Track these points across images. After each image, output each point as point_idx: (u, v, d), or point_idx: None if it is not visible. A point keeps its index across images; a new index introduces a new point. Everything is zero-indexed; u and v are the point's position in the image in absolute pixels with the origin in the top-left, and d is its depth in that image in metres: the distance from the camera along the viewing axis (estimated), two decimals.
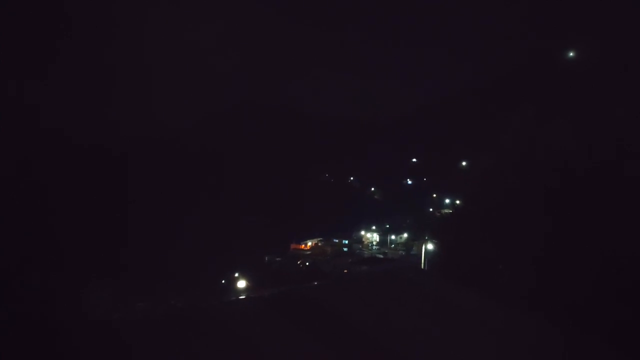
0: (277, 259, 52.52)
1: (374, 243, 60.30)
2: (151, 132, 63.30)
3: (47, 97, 58.85)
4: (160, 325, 14.59)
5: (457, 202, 56.37)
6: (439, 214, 57.90)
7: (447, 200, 59.58)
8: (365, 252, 57.39)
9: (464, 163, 65.61)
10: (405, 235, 58.13)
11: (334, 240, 58.81)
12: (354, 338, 14.17)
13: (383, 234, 60.26)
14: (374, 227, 60.97)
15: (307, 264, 51.39)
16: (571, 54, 45.01)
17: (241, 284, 37.79)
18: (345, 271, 46.31)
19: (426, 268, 36.68)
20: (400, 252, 55.04)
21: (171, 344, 12.96)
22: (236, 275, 40.98)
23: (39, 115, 55.79)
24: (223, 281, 41.85)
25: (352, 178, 75.79)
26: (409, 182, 71.86)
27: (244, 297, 26.33)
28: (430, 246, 39.13)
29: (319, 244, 58.08)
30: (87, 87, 64.61)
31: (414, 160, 74.39)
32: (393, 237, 59.34)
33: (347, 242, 59.05)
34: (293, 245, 57.06)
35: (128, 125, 61.71)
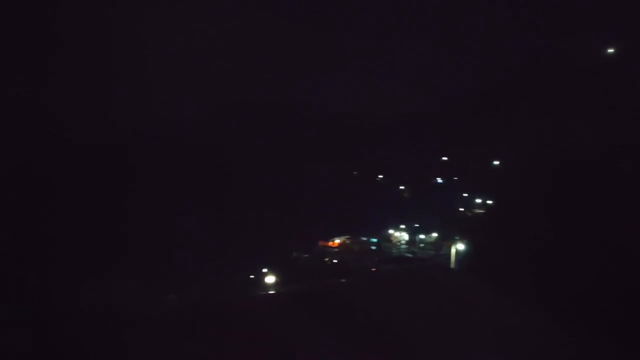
0: (305, 255, 52.78)
1: (403, 242, 59.75)
2: (171, 131, 63.98)
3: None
4: (189, 318, 14.84)
5: (489, 202, 55.32)
6: (470, 214, 56.88)
7: (479, 200, 58.42)
8: (394, 250, 56.95)
9: (496, 162, 64.25)
10: (435, 234, 57.35)
11: (362, 238, 58.58)
12: (380, 336, 14.08)
13: (412, 233, 59.64)
14: (402, 226, 60.40)
15: (335, 261, 51.42)
16: (611, 49, 43.47)
17: (270, 279, 38.15)
18: (373, 269, 46.11)
19: (456, 268, 36.10)
20: (430, 251, 54.35)
21: (200, 337, 13.17)
22: (264, 270, 41.45)
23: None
24: (252, 276, 42.38)
25: (380, 176, 75.23)
26: (439, 181, 70.80)
27: (273, 292, 26.60)
28: (460, 246, 38.49)
29: (347, 242, 57.98)
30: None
31: (445, 158, 73.20)
32: (422, 236, 58.64)
33: (375, 240, 58.71)
34: (321, 243, 57.18)
35: (144, 124, 62.32)
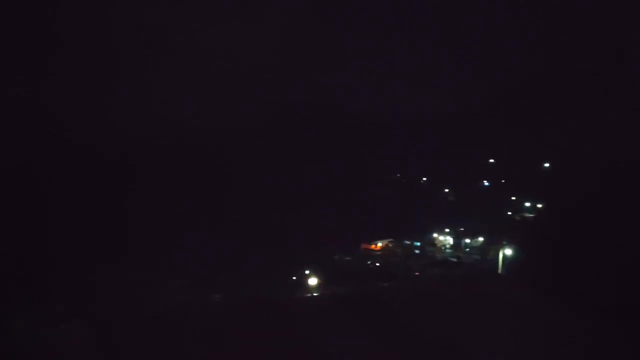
0: (347, 258, 52.62)
1: (447, 246, 58.45)
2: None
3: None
4: (234, 318, 15.23)
5: (539, 205, 53.20)
6: (519, 218, 54.94)
7: (528, 204, 56.33)
8: (438, 255, 55.83)
9: (546, 165, 61.80)
10: (481, 239, 55.76)
11: (405, 241, 57.70)
12: (424, 341, 13.91)
13: (457, 237, 58.16)
14: (447, 230, 59.06)
15: (377, 264, 51.03)
16: None
17: (312, 281, 38.39)
18: (416, 273, 45.43)
19: (504, 274, 35.01)
20: (475, 256, 52.89)
21: (247, 334, 13.51)
22: (307, 272, 41.73)
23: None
24: (294, 278, 42.76)
25: (424, 178, 73.97)
26: (486, 183, 68.83)
27: (316, 294, 26.82)
28: (508, 251, 37.26)
29: (390, 245, 57.31)
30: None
31: (491, 160, 71.11)
32: (468, 240, 57.10)
33: (418, 244, 57.74)
34: (364, 245, 56.85)
35: (185, 126, 62.70)
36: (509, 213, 58.23)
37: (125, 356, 12.80)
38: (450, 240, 58.92)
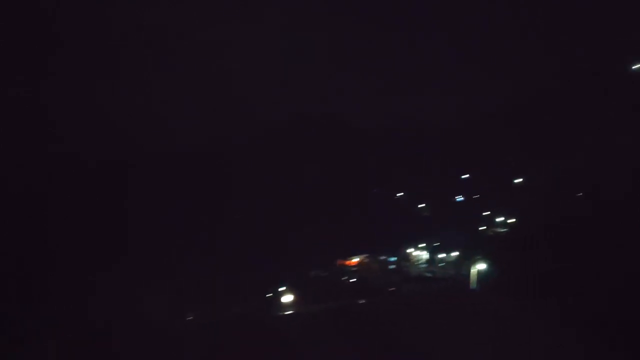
0: (323, 274, 52.36)
1: (422, 261, 58.91)
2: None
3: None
4: (213, 333, 14.88)
5: (512, 220, 54.24)
6: (492, 233, 55.87)
7: (501, 219, 57.33)
8: (413, 270, 56.18)
9: (519, 180, 63.27)
10: (455, 254, 56.44)
11: (381, 257, 57.90)
12: (403, 355, 13.89)
13: (432, 252, 58.76)
14: (422, 245, 59.58)
15: (354, 280, 50.96)
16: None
17: (287, 298, 37.92)
18: (392, 289, 45.53)
19: (478, 288, 35.40)
20: (450, 271, 53.44)
21: (222, 351, 13.18)
22: (282, 289, 41.24)
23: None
24: (269, 295, 42.13)
25: (400, 193, 74.46)
26: (460, 199, 69.80)
27: (293, 311, 26.44)
28: (481, 266, 37.72)
29: (366, 261, 57.37)
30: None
31: (466, 176, 72.28)
32: (442, 255, 57.70)
33: (394, 259, 58.02)
34: (339, 261, 56.70)
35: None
36: (482, 228, 59.14)
37: None
38: (425, 255, 59.38)
